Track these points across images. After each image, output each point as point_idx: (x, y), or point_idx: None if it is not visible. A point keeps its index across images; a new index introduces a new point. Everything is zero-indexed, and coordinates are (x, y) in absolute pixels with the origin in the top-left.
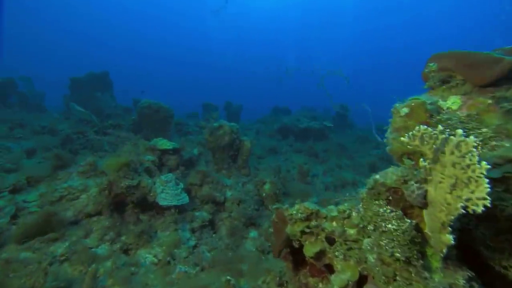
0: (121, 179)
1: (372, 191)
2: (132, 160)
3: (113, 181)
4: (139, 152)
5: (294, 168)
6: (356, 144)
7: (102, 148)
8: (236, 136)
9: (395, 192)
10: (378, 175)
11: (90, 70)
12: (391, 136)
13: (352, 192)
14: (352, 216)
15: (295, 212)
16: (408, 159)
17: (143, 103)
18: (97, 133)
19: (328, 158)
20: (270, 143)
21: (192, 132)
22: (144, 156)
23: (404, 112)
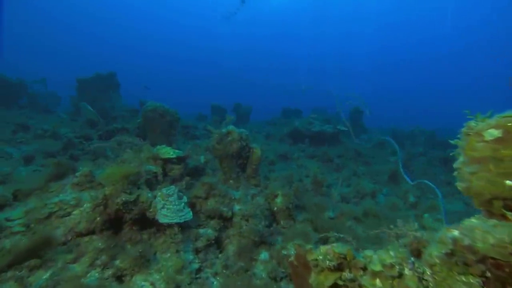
0: (118, 193)
1: (453, 259)
2: (132, 172)
3: (109, 196)
4: (140, 161)
5: (308, 177)
6: (372, 149)
7: (104, 154)
8: (245, 143)
9: (497, 267)
10: (457, 232)
11: (97, 71)
12: (467, 169)
13: (370, 202)
14: (405, 275)
15: (321, 257)
16: (508, 209)
17: (148, 106)
18: (101, 137)
19: (343, 164)
20: (281, 148)
21: (200, 136)
22: (145, 166)
23: (492, 136)
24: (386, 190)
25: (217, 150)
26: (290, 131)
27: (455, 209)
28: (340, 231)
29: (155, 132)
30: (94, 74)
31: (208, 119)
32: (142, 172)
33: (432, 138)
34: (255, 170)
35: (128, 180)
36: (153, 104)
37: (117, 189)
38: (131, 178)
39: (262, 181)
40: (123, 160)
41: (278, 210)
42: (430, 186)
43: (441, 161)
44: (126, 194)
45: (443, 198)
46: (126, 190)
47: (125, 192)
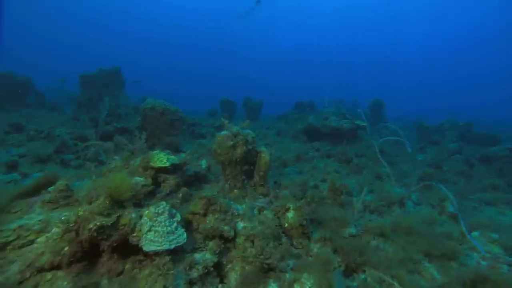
0: (93, 216)
1: None
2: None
3: (83, 219)
4: (130, 170)
5: (324, 182)
6: (396, 146)
7: (98, 158)
8: (251, 147)
9: None
10: None
11: (101, 67)
12: None
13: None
14: None
15: None
16: None
17: (146, 104)
18: (100, 138)
19: (363, 165)
20: (294, 147)
21: (206, 134)
22: (132, 179)
23: None
24: (416, 197)
25: (219, 155)
26: (304, 128)
27: (510, 222)
28: (365, 253)
29: (155, 132)
30: (98, 70)
31: (218, 115)
32: (137, 187)
33: (467, 132)
34: (263, 177)
35: (111, 199)
36: (151, 102)
37: (92, 210)
38: (121, 196)
39: (272, 189)
40: (110, 170)
41: (290, 227)
42: (443, 190)
43: (482, 160)
44: (103, 216)
45: (490, 206)
46: (104, 211)
47: (102, 214)
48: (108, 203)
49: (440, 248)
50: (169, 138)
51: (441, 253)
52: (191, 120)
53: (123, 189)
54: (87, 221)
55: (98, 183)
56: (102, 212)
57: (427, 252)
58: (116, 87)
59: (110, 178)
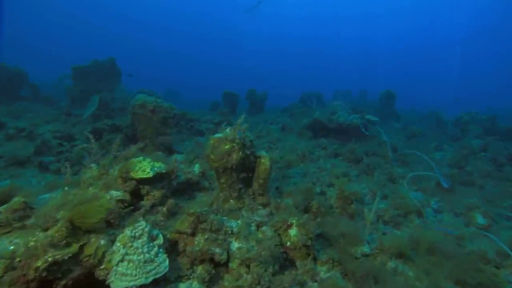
0: (44, 248)
1: None
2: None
3: (27, 256)
4: (106, 181)
5: (331, 189)
6: (410, 142)
7: (81, 161)
8: (249, 152)
9: None
10: None
11: (94, 58)
12: None
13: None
14: None
15: None
16: None
17: (135, 100)
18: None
19: (375, 165)
20: (299, 145)
21: (206, 131)
22: (107, 194)
23: None
24: (436, 203)
25: (213, 162)
26: (310, 123)
27: None
28: (381, 279)
29: (147, 132)
30: (92, 61)
31: (221, 108)
32: (111, 205)
33: (492, 127)
34: (263, 185)
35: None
36: (141, 98)
37: (44, 240)
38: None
39: (273, 198)
40: (84, 181)
41: (293, 247)
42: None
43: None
44: (58, 249)
45: None
46: (61, 240)
47: (58, 245)
48: (67, 229)
49: (474, 274)
50: (161, 138)
51: (476, 282)
52: (190, 116)
53: (91, 212)
54: (34, 257)
55: (64, 199)
56: (59, 242)
57: (457, 279)
58: (111, 80)
59: (76, 196)
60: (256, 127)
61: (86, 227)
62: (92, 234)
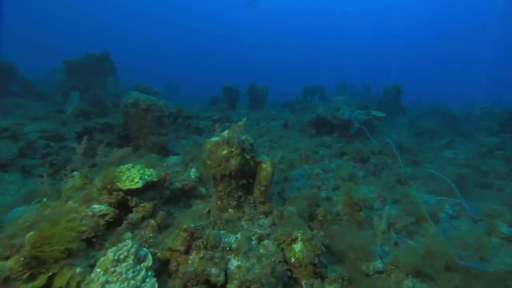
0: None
1: None
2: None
3: None
4: (88, 193)
5: (337, 194)
6: (418, 139)
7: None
8: (249, 157)
9: None
10: None
11: (87, 51)
12: None
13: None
14: None
15: None
16: None
17: (128, 98)
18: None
19: (382, 165)
20: (302, 143)
21: (204, 128)
22: (90, 206)
23: None
24: (451, 207)
25: (210, 168)
26: (313, 119)
27: None
28: None
29: (140, 132)
30: (84, 55)
31: (221, 103)
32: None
33: (508, 122)
34: (264, 192)
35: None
36: (134, 96)
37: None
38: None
39: (275, 206)
40: (65, 192)
41: (298, 264)
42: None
43: None
44: (21, 283)
45: None
46: (23, 273)
47: (19, 278)
48: (31, 258)
49: None
50: (152, 138)
51: None
52: (187, 113)
53: (56, 238)
54: None
55: (38, 215)
56: (20, 275)
57: None
58: (105, 74)
59: (52, 212)
60: (257, 124)
61: (47, 257)
62: (67, 260)
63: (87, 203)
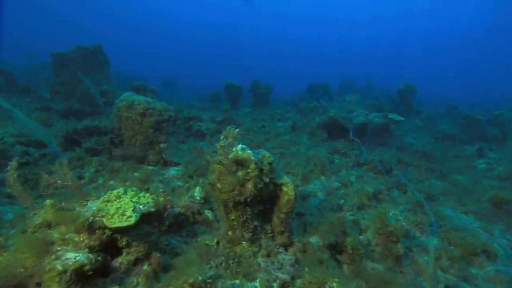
0: None
1: None
2: None
3: None
4: (62, 234)
5: (364, 215)
6: (440, 145)
7: None
8: (268, 179)
9: None
10: None
11: (78, 44)
12: None
13: None
14: None
15: None
16: None
17: (120, 101)
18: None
19: (406, 176)
20: (315, 150)
21: (206, 131)
22: (62, 255)
23: None
24: (502, 234)
25: (220, 193)
26: (325, 122)
27: None
28: None
29: (136, 140)
30: (75, 47)
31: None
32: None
33: None
34: (285, 221)
35: None
36: (128, 98)
37: None
38: None
39: (295, 233)
40: (31, 229)
41: None
42: None
43: None
44: None
45: None
46: None
47: None
48: None
49: None
50: (151, 148)
51: None
52: (188, 114)
53: None
54: None
55: None
56: None
57: None
58: (97, 69)
59: None
60: (262, 126)
61: None
62: None
63: (61, 247)
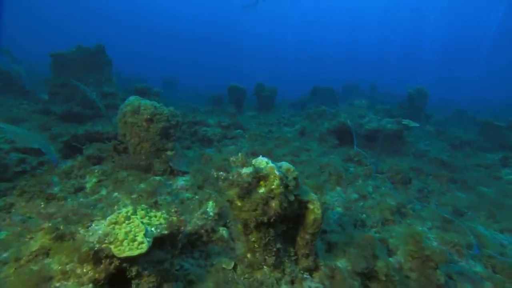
0: None
1: None
2: None
3: None
4: (62, 266)
5: (391, 232)
6: (457, 153)
7: (46, 190)
8: (293, 196)
9: None
10: None
11: (79, 44)
12: None
13: None
14: None
15: None
16: None
17: (125, 105)
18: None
19: (427, 186)
20: (327, 158)
21: (213, 136)
22: None
23: None
24: None
25: (240, 211)
26: (336, 128)
27: None
28: None
29: (142, 147)
30: (76, 47)
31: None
32: None
33: None
34: (310, 243)
35: None
36: (134, 102)
37: None
38: None
39: (320, 254)
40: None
41: None
42: None
43: None
44: None
45: None
46: None
47: None
48: None
49: None
50: (157, 157)
51: None
52: (193, 118)
53: None
54: None
55: None
56: None
57: None
58: (99, 70)
59: None
60: (269, 131)
61: None
62: None
63: (60, 281)
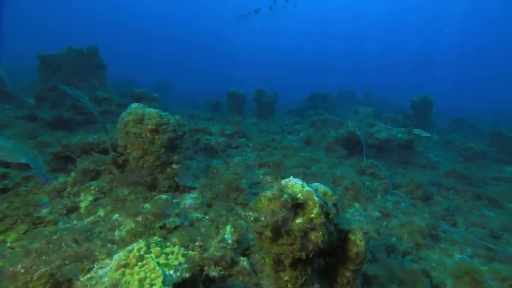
0: None
1: None
2: None
3: None
4: None
5: (429, 261)
6: (471, 165)
7: (31, 213)
8: (333, 226)
9: None
10: None
11: (71, 45)
12: None
13: None
14: None
15: None
16: None
17: (127, 114)
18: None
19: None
20: (340, 170)
21: (216, 147)
22: None
23: None
24: None
25: (271, 245)
26: (343, 137)
27: None
28: None
29: (144, 161)
30: (67, 49)
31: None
32: None
33: None
34: (352, 281)
35: None
36: (137, 111)
37: None
38: None
39: None
40: None
41: None
42: None
43: None
44: None
45: None
46: None
47: None
48: None
49: None
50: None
51: None
52: (194, 126)
53: None
54: None
55: None
56: None
57: None
58: (92, 74)
59: None
60: (273, 139)
61: None
62: None
63: None
